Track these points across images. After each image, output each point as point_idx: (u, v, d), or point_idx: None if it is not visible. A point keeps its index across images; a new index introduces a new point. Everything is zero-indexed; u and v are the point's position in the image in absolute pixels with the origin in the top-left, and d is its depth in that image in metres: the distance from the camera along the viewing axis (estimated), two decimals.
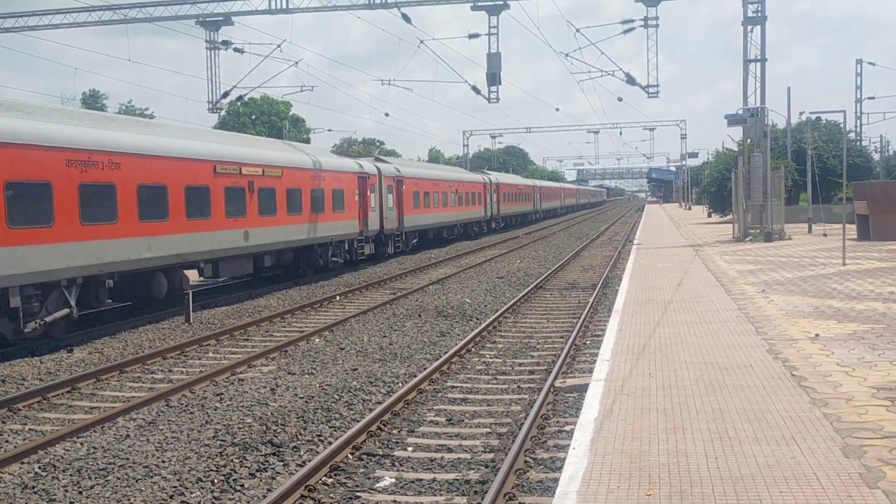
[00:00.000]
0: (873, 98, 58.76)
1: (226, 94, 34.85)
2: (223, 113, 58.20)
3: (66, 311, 14.57)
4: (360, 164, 29.03)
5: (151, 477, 7.58)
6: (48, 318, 14.11)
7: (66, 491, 7.32)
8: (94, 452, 8.39)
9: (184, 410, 9.97)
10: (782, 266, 19.11)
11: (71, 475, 7.72)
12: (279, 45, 33.28)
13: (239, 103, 49.78)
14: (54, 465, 8.01)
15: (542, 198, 73.92)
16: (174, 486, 7.30)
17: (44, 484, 7.51)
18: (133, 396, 10.94)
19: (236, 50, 32.91)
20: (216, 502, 7.00)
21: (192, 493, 7.19)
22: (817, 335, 10.25)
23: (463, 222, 44.05)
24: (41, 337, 14.54)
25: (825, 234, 29.61)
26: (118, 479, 7.57)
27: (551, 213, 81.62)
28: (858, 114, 51.83)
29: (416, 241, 35.60)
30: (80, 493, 7.28)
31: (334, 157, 28.49)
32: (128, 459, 8.11)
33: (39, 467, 7.99)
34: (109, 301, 16.97)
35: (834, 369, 8.38)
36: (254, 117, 76.94)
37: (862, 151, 47.46)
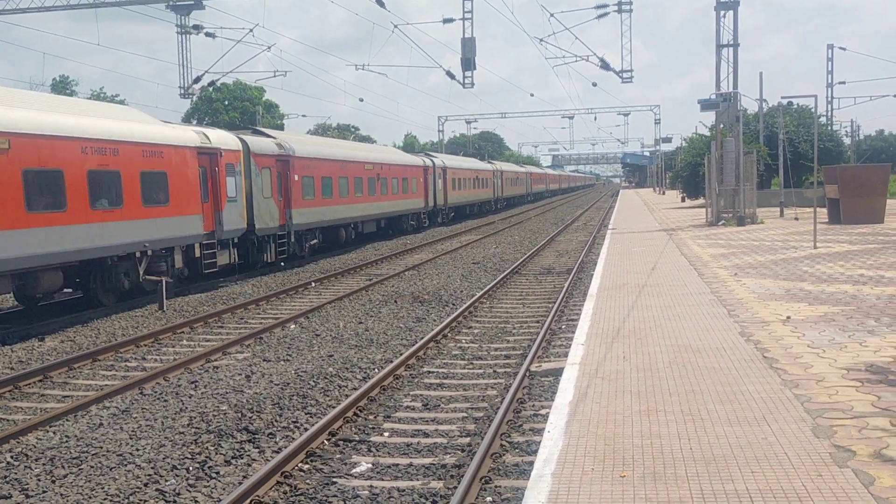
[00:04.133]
0: (844, 83, 59.48)
1: (198, 80, 34.49)
2: (195, 98, 57.56)
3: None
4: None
5: (125, 465, 7.53)
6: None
7: (39, 480, 7.26)
8: (66, 441, 8.32)
9: (158, 398, 9.90)
10: (754, 250, 19.29)
11: (44, 464, 7.66)
12: (251, 30, 33.05)
13: (211, 88, 49.26)
14: (26, 455, 7.93)
15: (550, 181, 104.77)
16: (148, 474, 7.27)
17: (16, 473, 7.44)
18: (106, 385, 10.85)
19: (208, 34, 32.59)
20: (191, 490, 6.97)
21: (166, 480, 7.16)
22: (789, 317, 10.37)
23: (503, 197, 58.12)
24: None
25: (797, 218, 29.93)
26: (91, 467, 7.52)
27: (559, 192, 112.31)
28: (829, 98, 52.46)
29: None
30: (54, 481, 7.22)
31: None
32: (101, 448, 8.05)
33: (11, 456, 7.90)
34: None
35: (805, 351, 8.49)
36: (227, 103, 76.21)
37: (833, 136, 47.93)
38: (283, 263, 24.04)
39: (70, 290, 17.45)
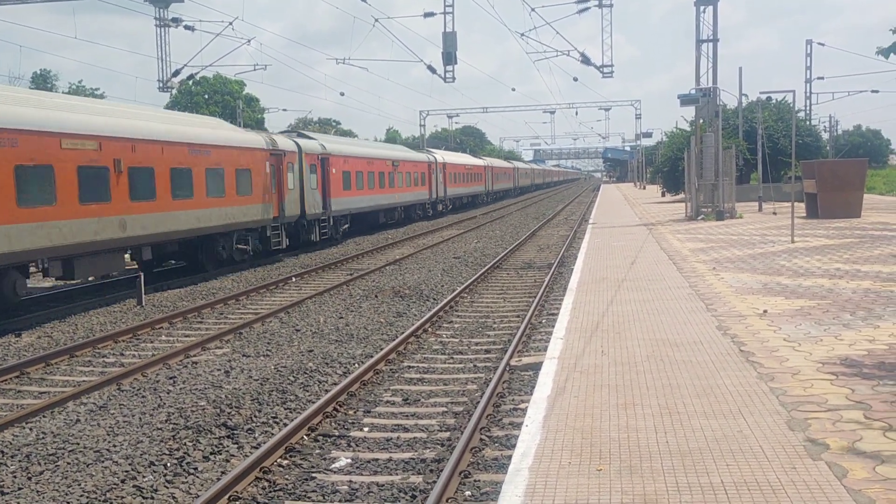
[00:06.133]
0: (822, 78, 60.00)
1: (177, 73, 34.27)
2: (174, 92, 57.15)
3: None
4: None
5: (102, 462, 7.49)
6: None
7: (15, 477, 7.20)
8: (43, 438, 8.26)
9: (136, 394, 9.84)
10: (733, 244, 19.44)
11: (20, 461, 7.59)
12: (230, 24, 32.84)
13: (191, 82, 48.93)
14: (2, 451, 7.86)
15: (554, 175, 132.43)
16: (126, 471, 7.22)
17: None
18: (84, 381, 10.77)
19: (187, 28, 32.35)
20: (169, 486, 6.94)
21: (144, 477, 7.12)
22: (765, 311, 10.45)
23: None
24: None
25: (775, 213, 30.16)
26: (68, 464, 7.47)
27: (553, 184, 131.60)
28: (808, 94, 52.84)
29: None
30: (30, 478, 7.16)
31: None
32: (78, 444, 8.00)
33: None
34: None
35: (781, 344, 8.56)
36: (207, 97, 75.71)
37: (811, 131, 48.26)
38: None
39: None
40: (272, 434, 8.18)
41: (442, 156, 51.19)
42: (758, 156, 34.82)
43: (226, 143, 22.04)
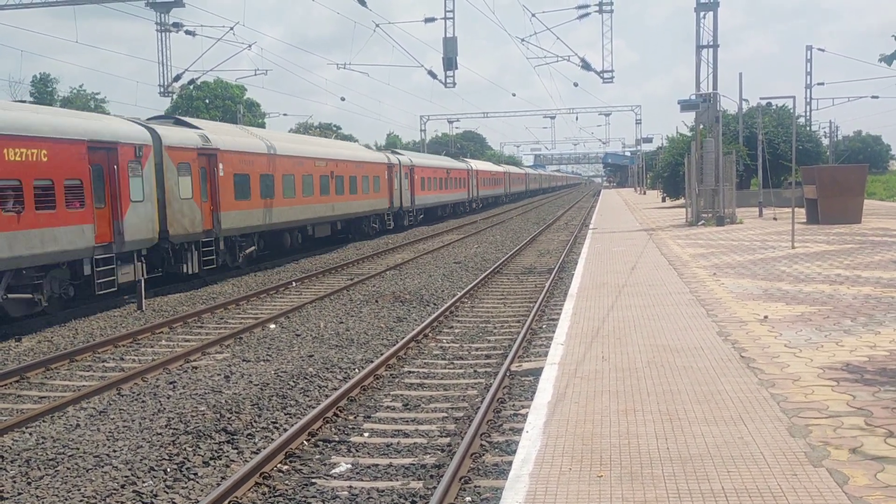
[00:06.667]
0: (822, 84, 60.04)
1: (177, 78, 34.31)
2: (175, 97, 57.20)
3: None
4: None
5: (102, 466, 7.48)
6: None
7: (15, 482, 7.19)
8: (43, 442, 8.26)
9: (136, 399, 9.84)
10: (733, 249, 19.43)
11: (20, 466, 7.59)
12: (231, 28, 32.90)
13: (191, 87, 48.97)
14: (2, 456, 7.86)
15: (557, 180, 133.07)
16: (126, 476, 7.22)
17: None
18: (84, 385, 10.77)
19: (188, 32, 32.38)
20: (169, 491, 6.93)
21: (144, 482, 7.11)
22: (766, 317, 10.45)
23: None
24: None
25: (775, 218, 30.15)
26: (68, 469, 7.46)
27: (556, 188, 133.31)
28: (808, 99, 52.90)
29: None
30: (30, 483, 7.16)
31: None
32: (78, 449, 7.99)
33: None
34: None
35: (781, 350, 8.56)
36: (207, 101, 75.79)
37: (811, 136, 48.22)
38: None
39: None
40: (272, 439, 8.17)
41: (475, 164, 61.70)
42: (758, 161, 34.79)
43: (367, 160, 34.36)
